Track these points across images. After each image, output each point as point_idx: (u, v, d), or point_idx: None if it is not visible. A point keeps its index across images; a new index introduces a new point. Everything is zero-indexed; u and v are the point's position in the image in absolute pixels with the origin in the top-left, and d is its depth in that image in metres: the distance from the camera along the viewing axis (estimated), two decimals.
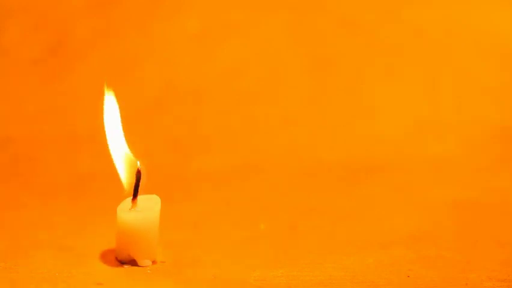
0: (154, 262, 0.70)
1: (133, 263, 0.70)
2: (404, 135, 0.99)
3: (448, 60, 1.04)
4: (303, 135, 1.00)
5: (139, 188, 0.70)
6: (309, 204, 0.85)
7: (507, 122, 1.00)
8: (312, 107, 1.02)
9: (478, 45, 1.05)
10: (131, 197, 0.70)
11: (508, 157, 0.96)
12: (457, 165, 0.94)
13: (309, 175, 0.93)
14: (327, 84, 1.04)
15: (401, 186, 0.89)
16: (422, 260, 0.71)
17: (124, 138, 0.71)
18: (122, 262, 0.70)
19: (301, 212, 0.83)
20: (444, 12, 1.06)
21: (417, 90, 1.03)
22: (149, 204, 0.70)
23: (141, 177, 0.70)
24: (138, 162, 0.70)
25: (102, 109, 0.71)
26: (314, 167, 0.94)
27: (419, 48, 1.05)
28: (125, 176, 0.71)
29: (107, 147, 0.71)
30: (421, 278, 0.68)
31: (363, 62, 1.05)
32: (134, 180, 0.70)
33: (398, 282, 0.67)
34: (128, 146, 0.71)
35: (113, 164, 0.71)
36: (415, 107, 1.02)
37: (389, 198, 0.86)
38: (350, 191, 0.89)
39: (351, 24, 1.06)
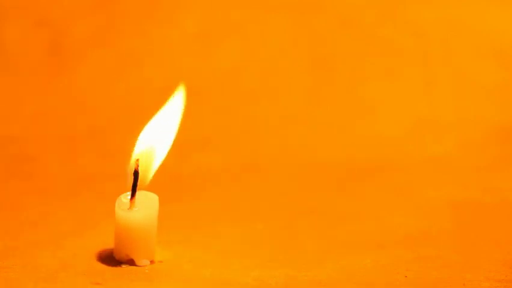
0: (152, 262, 0.70)
1: (131, 262, 0.70)
2: (403, 135, 0.99)
3: (448, 60, 1.04)
4: (303, 135, 0.99)
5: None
6: (308, 204, 0.85)
7: (507, 122, 1.00)
8: (312, 107, 1.02)
9: (478, 45, 1.04)
10: (129, 196, 0.70)
11: (507, 157, 0.95)
12: (456, 165, 0.94)
13: (308, 175, 0.93)
14: (327, 84, 1.04)
15: (400, 186, 0.89)
16: (420, 260, 0.71)
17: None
18: (120, 262, 0.70)
19: (301, 212, 0.83)
20: (444, 12, 1.06)
21: (417, 90, 1.03)
22: (147, 203, 0.70)
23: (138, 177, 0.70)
24: (134, 160, 0.70)
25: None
26: (314, 167, 0.94)
27: (419, 48, 1.05)
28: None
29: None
30: (419, 278, 0.68)
31: (363, 62, 1.05)
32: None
33: (395, 283, 0.67)
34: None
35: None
36: (415, 107, 1.02)
37: (388, 198, 0.86)
38: (349, 191, 0.88)
39: (351, 24, 1.06)
